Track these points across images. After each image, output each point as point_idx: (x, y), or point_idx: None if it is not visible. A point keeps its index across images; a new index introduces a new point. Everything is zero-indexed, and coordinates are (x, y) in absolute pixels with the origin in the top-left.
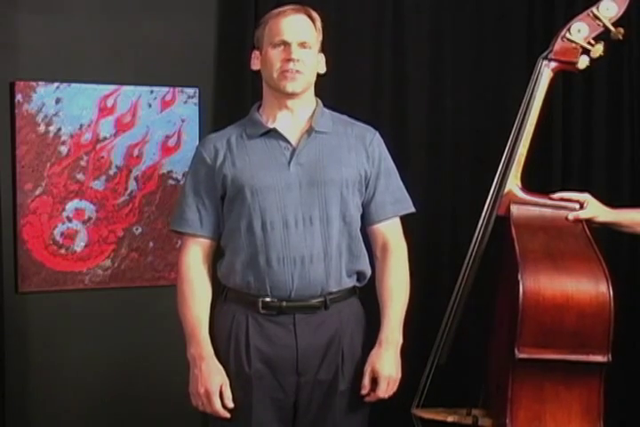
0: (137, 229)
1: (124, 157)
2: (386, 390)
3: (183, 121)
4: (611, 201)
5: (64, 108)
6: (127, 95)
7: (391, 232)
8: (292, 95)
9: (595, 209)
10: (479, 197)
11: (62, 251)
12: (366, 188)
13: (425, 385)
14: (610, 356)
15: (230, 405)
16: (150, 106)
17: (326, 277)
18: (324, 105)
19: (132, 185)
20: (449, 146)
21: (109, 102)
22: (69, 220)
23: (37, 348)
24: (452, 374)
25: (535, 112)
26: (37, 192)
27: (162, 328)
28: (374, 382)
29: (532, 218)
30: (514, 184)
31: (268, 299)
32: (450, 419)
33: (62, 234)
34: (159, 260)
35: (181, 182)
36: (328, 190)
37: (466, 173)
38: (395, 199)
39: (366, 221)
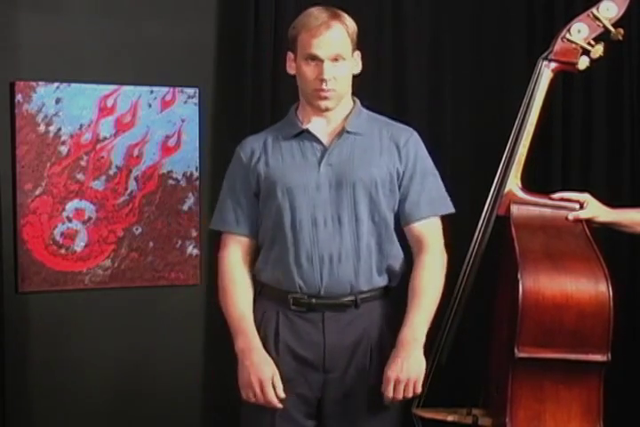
0: (137, 229)
1: (123, 157)
2: (398, 391)
3: (183, 121)
4: (611, 201)
5: (64, 108)
6: (127, 95)
7: (427, 232)
8: (326, 110)
9: (595, 209)
10: (479, 197)
11: (62, 251)
12: (400, 188)
13: (425, 385)
14: (609, 355)
15: (282, 395)
16: (150, 106)
17: (355, 275)
18: (362, 104)
19: (131, 185)
20: (449, 146)
21: (109, 102)
22: (69, 220)
23: (37, 348)
24: (453, 373)
25: (535, 112)
26: (37, 192)
27: (162, 328)
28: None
29: (532, 218)
30: (514, 184)
31: (298, 295)
32: (450, 418)
33: (62, 234)
34: (159, 260)
35: (181, 182)
36: (357, 191)
37: (466, 173)
38: (430, 199)
39: (402, 220)
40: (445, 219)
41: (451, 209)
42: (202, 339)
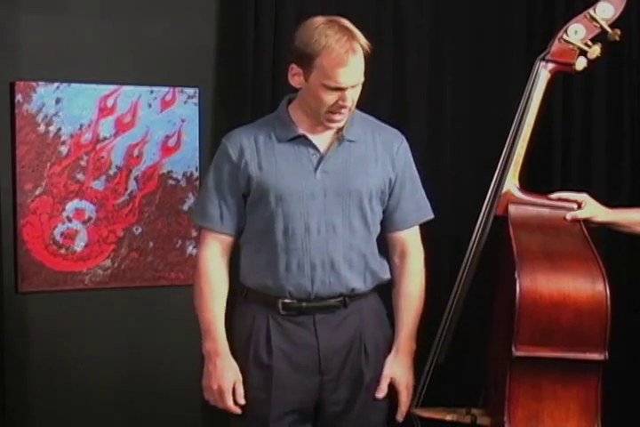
0: (137, 229)
1: (123, 157)
2: (407, 396)
3: (183, 121)
4: (610, 201)
5: (64, 108)
6: (127, 95)
7: (411, 239)
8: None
9: (592, 209)
10: (479, 197)
11: (62, 251)
12: (390, 195)
13: (424, 384)
14: (607, 354)
15: (242, 401)
16: (150, 106)
17: (347, 282)
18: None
19: (131, 185)
20: (449, 146)
21: (109, 102)
22: (69, 220)
23: (37, 348)
24: (451, 373)
25: (532, 113)
26: (37, 192)
27: (162, 328)
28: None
29: (529, 218)
30: (512, 184)
31: (287, 300)
32: (448, 418)
33: (62, 234)
34: (159, 260)
35: (181, 182)
36: (353, 200)
37: (466, 173)
38: (417, 207)
39: (388, 227)
40: (444, 219)
41: (431, 215)
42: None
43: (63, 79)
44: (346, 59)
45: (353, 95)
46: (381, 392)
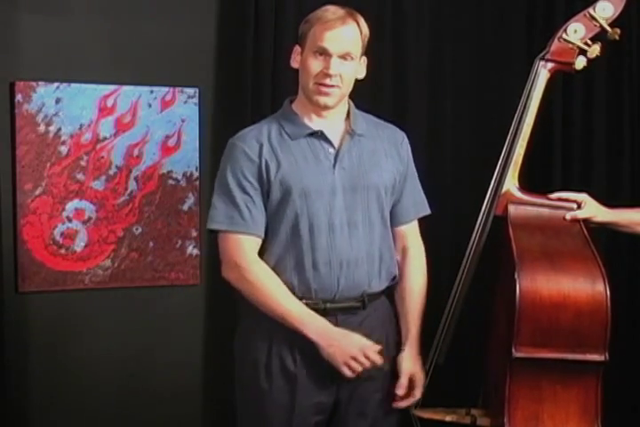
0: (137, 229)
1: (123, 157)
2: (420, 394)
3: (183, 121)
4: (610, 201)
5: (64, 108)
6: (127, 95)
7: (411, 234)
8: (324, 108)
9: (592, 209)
10: (479, 197)
11: (62, 251)
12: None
13: (424, 385)
14: (607, 355)
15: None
16: (150, 106)
17: (369, 279)
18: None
19: (131, 185)
20: (449, 145)
21: (109, 102)
22: (69, 220)
23: (37, 348)
24: (451, 373)
25: (532, 113)
26: (37, 192)
27: (162, 328)
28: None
29: (529, 218)
30: (511, 184)
31: (311, 301)
32: (448, 418)
33: (62, 234)
34: (159, 260)
35: (181, 182)
36: (370, 195)
37: (466, 173)
38: (416, 201)
39: (390, 221)
40: (444, 219)
41: (428, 211)
42: (202, 339)
43: (63, 79)
44: (335, 24)
45: (340, 69)
46: (402, 389)
